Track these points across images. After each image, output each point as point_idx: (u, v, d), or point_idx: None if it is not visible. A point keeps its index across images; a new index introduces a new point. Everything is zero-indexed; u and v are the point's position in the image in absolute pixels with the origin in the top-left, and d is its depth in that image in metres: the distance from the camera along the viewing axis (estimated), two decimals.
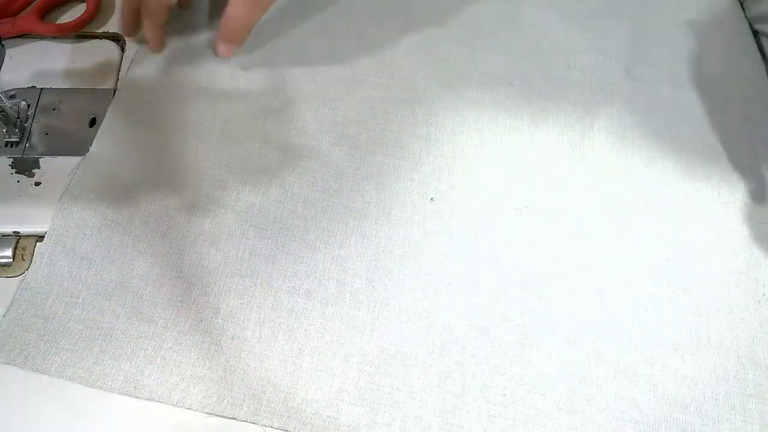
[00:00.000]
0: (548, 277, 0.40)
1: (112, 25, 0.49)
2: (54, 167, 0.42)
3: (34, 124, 0.44)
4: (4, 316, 0.37)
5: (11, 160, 0.43)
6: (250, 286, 0.39)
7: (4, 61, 0.40)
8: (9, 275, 0.39)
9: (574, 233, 0.41)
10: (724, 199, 0.43)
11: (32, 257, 0.39)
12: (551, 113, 0.46)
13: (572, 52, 0.49)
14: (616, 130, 0.45)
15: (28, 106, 0.44)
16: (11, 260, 0.39)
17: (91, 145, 0.43)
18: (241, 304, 0.38)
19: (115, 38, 0.49)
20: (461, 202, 0.42)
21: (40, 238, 0.40)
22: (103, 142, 0.43)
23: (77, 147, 0.43)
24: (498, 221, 0.42)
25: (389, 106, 0.46)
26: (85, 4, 0.49)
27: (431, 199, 0.42)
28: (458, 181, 0.43)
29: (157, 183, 0.42)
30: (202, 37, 0.49)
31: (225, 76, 0.47)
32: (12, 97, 0.44)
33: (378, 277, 0.39)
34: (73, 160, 0.42)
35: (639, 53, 0.50)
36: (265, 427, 0.35)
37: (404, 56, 0.48)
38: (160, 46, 0.47)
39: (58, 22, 0.49)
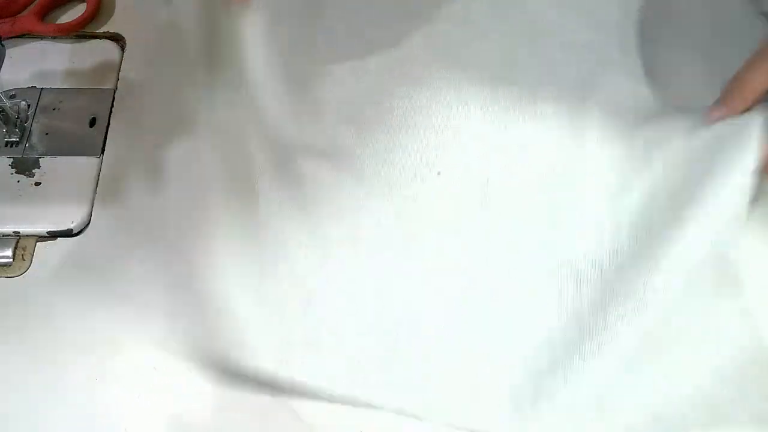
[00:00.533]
0: (559, 247, 0.40)
1: (112, 25, 0.49)
2: (54, 167, 0.42)
3: (34, 124, 0.44)
4: None
5: (11, 160, 0.43)
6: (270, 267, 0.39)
7: (4, 61, 0.40)
8: (9, 275, 0.39)
9: (578, 204, 0.41)
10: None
11: (32, 257, 0.39)
12: (550, 88, 0.46)
13: (565, 30, 0.49)
14: (614, 100, 0.45)
15: (28, 106, 0.44)
16: (11, 260, 0.39)
17: (93, 145, 0.43)
18: (267, 286, 0.39)
19: (115, 38, 0.49)
20: (468, 174, 0.42)
21: (40, 238, 0.40)
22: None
23: (77, 147, 0.43)
24: (506, 193, 0.42)
25: (392, 87, 0.46)
26: (85, 4, 0.49)
27: (438, 173, 0.42)
28: (464, 155, 0.43)
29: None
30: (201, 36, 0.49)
31: (225, 73, 0.47)
32: (12, 97, 0.44)
33: (393, 252, 0.40)
34: (73, 160, 0.43)
35: (634, 26, 0.50)
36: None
37: (402, 42, 0.48)
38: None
39: (58, 22, 0.49)
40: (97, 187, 0.42)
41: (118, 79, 0.47)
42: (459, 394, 0.36)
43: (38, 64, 0.47)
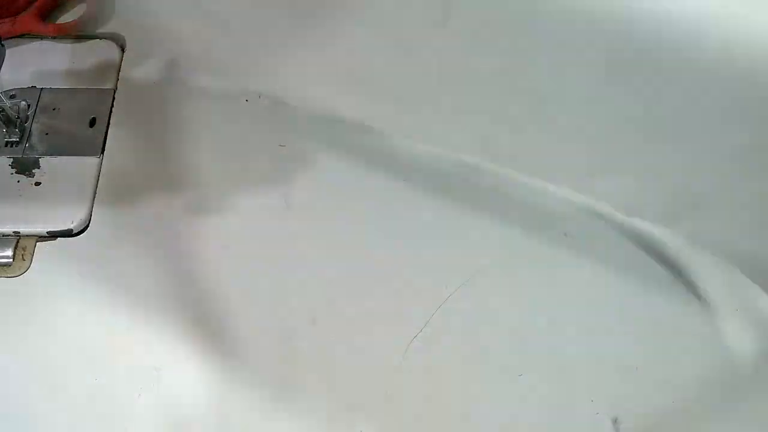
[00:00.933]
0: None
1: (112, 25, 0.49)
2: (54, 167, 0.42)
3: (34, 124, 0.44)
4: None
5: (11, 160, 0.43)
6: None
7: (4, 61, 0.40)
8: (9, 275, 0.39)
9: None
10: None
11: (32, 257, 0.39)
12: None
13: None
14: None
15: (28, 106, 0.44)
16: (11, 260, 0.39)
17: (93, 145, 0.43)
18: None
19: (115, 38, 0.49)
20: None
21: (40, 238, 0.40)
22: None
23: (77, 147, 0.43)
24: None
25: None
26: (85, 4, 0.49)
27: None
28: None
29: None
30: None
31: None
32: (12, 97, 0.44)
33: None
34: (73, 160, 0.43)
35: None
36: None
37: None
38: None
39: (58, 22, 0.49)
40: (97, 187, 0.42)
41: (118, 79, 0.47)
42: None
43: (38, 64, 0.47)
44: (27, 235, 0.40)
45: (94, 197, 0.42)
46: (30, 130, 0.44)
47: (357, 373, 0.37)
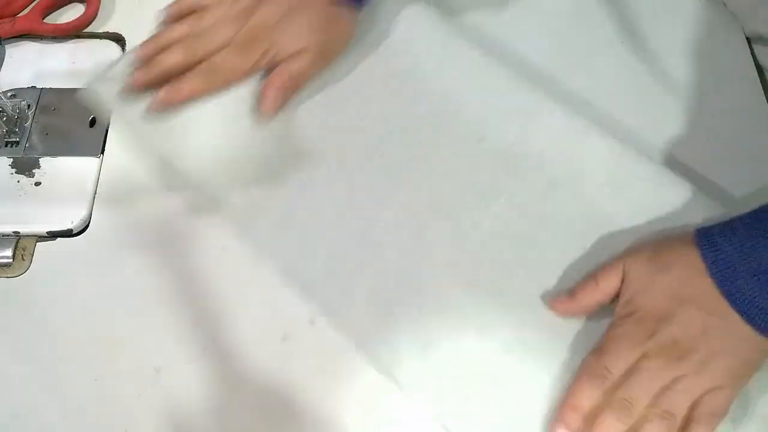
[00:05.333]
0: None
1: (112, 25, 0.49)
2: (54, 167, 0.42)
3: (34, 124, 0.44)
4: None
5: (11, 160, 0.43)
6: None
7: (4, 61, 0.40)
8: (9, 275, 0.39)
9: None
10: None
11: (32, 257, 0.39)
12: None
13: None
14: None
15: (28, 106, 0.44)
16: (11, 260, 0.39)
17: (93, 145, 0.43)
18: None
19: (115, 38, 0.49)
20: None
21: (40, 238, 0.40)
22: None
23: (77, 147, 0.43)
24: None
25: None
26: (85, 4, 0.49)
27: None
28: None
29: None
30: None
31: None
32: (12, 97, 0.44)
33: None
34: (73, 160, 0.43)
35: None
36: None
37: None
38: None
39: (58, 22, 0.49)
40: (97, 187, 0.42)
41: None
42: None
43: (38, 64, 0.47)
44: (27, 235, 0.40)
45: (94, 197, 0.42)
46: (30, 130, 0.44)
47: (356, 372, 0.37)
